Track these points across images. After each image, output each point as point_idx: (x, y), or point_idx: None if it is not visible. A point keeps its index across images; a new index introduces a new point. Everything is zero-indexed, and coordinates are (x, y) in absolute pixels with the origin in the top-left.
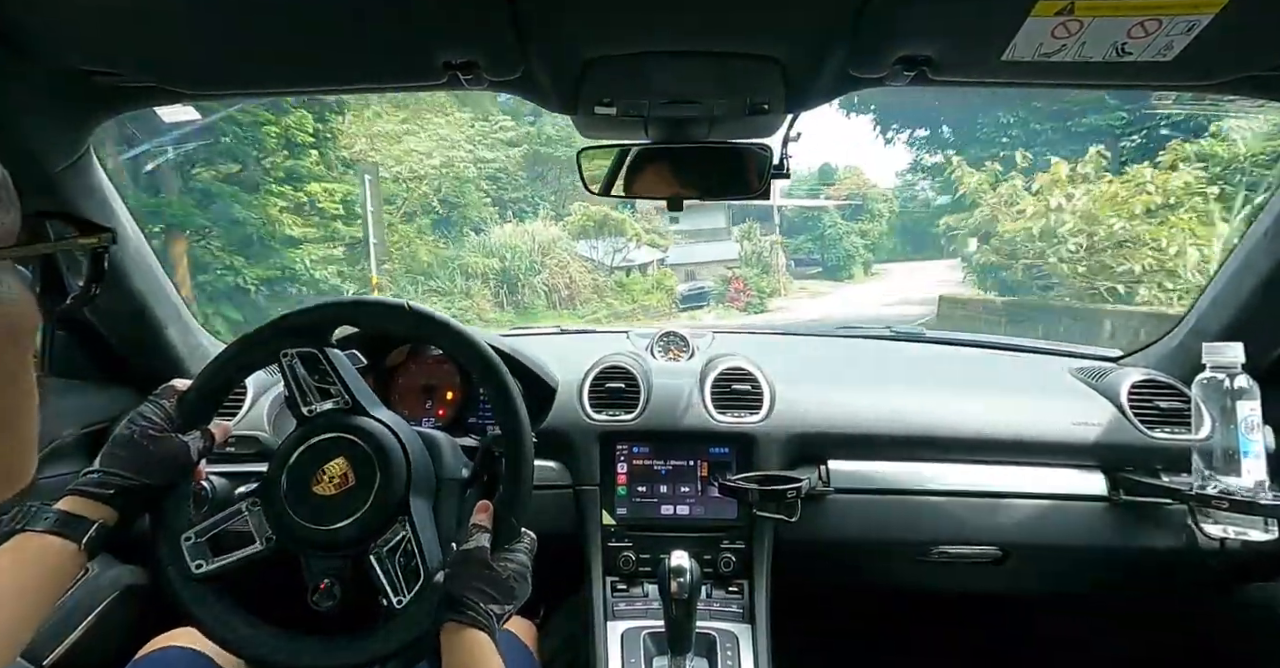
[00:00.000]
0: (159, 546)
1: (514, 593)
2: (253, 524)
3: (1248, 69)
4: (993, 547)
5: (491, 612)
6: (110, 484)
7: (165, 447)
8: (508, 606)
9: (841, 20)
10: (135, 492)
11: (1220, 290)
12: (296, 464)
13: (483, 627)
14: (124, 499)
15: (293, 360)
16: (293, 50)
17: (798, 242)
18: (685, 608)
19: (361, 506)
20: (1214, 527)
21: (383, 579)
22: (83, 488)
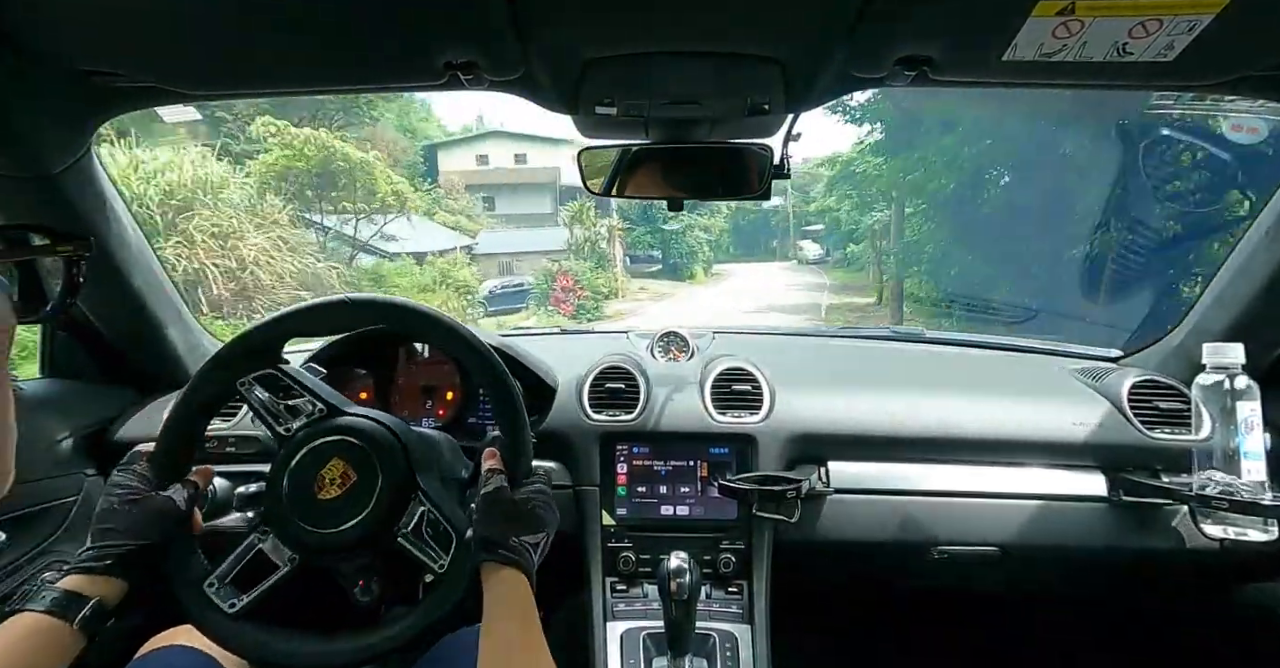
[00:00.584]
0: (185, 600)
1: (542, 520)
2: (269, 550)
3: (1249, 69)
4: (992, 547)
5: (525, 544)
6: (106, 556)
7: (150, 506)
8: (540, 534)
9: (842, 21)
10: (134, 556)
11: (1221, 291)
12: (293, 480)
13: (516, 563)
14: (124, 566)
15: (250, 387)
16: (293, 51)
17: (636, 233)
18: (685, 609)
19: (370, 498)
20: (1214, 527)
21: (419, 556)
22: (80, 565)
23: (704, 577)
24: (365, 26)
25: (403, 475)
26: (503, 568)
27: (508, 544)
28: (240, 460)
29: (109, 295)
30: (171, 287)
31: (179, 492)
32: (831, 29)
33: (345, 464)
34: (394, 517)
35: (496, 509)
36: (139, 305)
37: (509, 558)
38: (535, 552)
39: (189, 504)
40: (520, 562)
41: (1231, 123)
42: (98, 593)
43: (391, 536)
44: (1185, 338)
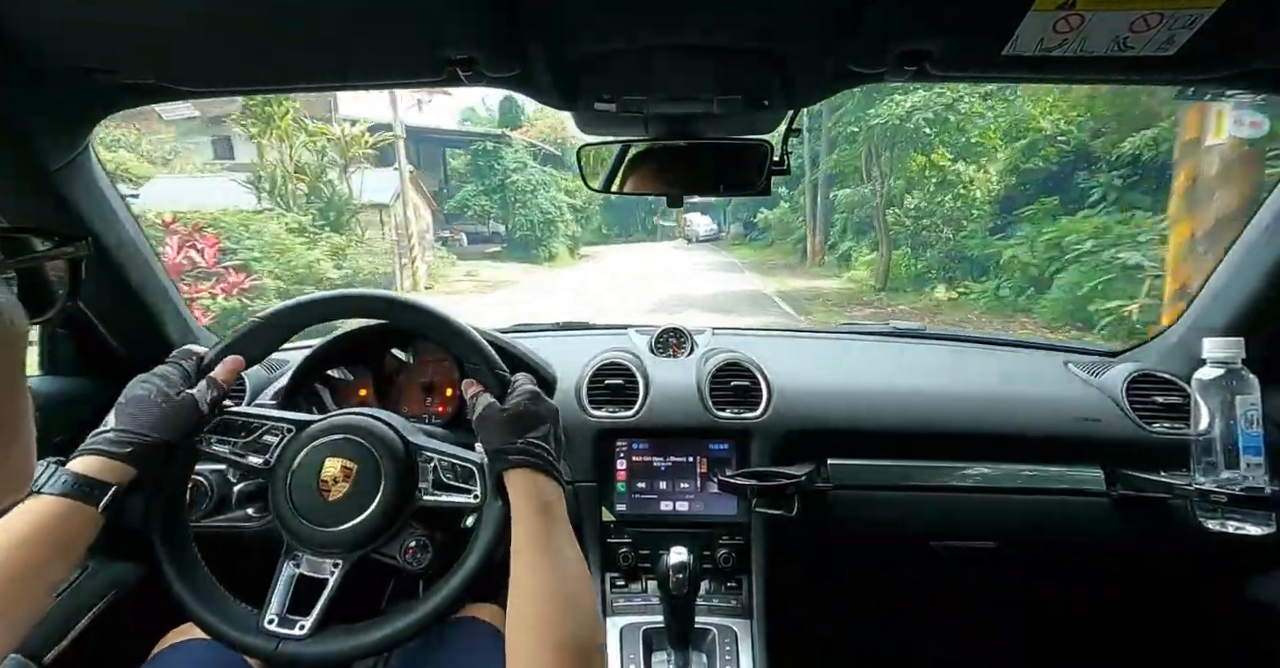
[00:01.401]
0: (249, 648)
1: (537, 416)
2: (309, 570)
3: (1250, 63)
4: (991, 542)
5: (530, 441)
6: (127, 442)
7: (178, 404)
8: (541, 427)
9: (842, 16)
10: (151, 449)
11: (1220, 285)
12: (298, 497)
13: (526, 463)
14: (139, 457)
15: (208, 443)
16: (292, 47)
17: (464, 194)
18: (684, 603)
19: (378, 480)
20: (1212, 521)
21: (452, 501)
22: (99, 447)
23: (703, 572)
24: (365, 23)
25: (398, 447)
26: (516, 471)
27: (515, 447)
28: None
29: (108, 292)
30: (171, 284)
31: (203, 391)
32: (831, 24)
33: (340, 460)
34: (410, 486)
35: (491, 423)
36: (138, 302)
37: (519, 460)
38: (546, 445)
39: (211, 405)
40: (531, 460)
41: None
42: (116, 479)
43: (415, 501)
44: (1184, 333)
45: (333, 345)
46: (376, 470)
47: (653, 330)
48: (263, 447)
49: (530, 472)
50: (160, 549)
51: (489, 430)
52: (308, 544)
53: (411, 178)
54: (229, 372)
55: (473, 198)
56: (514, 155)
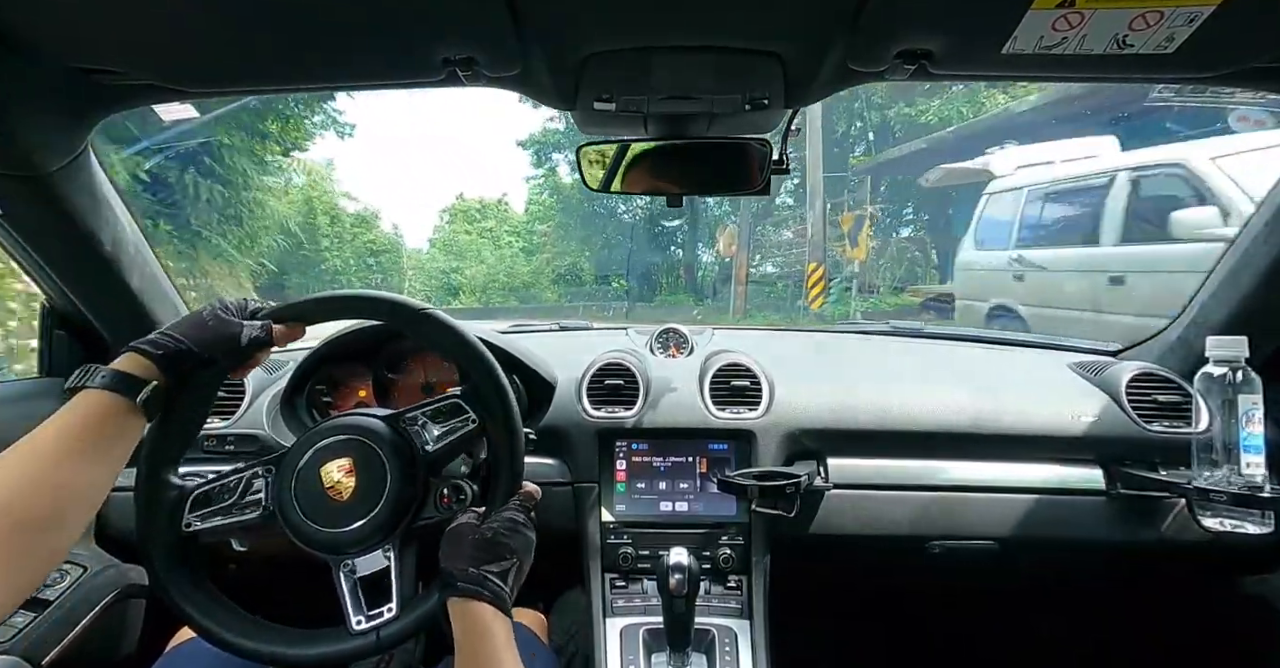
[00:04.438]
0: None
1: (506, 546)
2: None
3: (1250, 61)
4: (991, 541)
5: (486, 575)
6: (162, 345)
7: (224, 326)
8: (504, 562)
9: (842, 15)
10: (183, 356)
11: (1219, 284)
12: (310, 512)
13: (476, 594)
14: (169, 361)
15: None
16: (291, 47)
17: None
18: (684, 604)
19: (384, 475)
20: (1212, 520)
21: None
22: (138, 346)
23: (703, 572)
24: (363, 23)
25: (396, 437)
26: (463, 602)
27: (467, 574)
28: (239, 459)
29: (107, 294)
30: (170, 285)
31: (252, 327)
32: (831, 23)
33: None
34: (415, 469)
35: (456, 540)
36: (137, 304)
37: (468, 590)
38: (504, 580)
39: (250, 343)
40: (481, 593)
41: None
42: (154, 377)
43: (439, 472)
44: (1184, 331)
45: (332, 347)
46: (380, 463)
47: (653, 330)
48: (253, 494)
49: (476, 605)
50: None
51: (451, 548)
52: (330, 549)
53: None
54: (286, 331)
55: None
56: None
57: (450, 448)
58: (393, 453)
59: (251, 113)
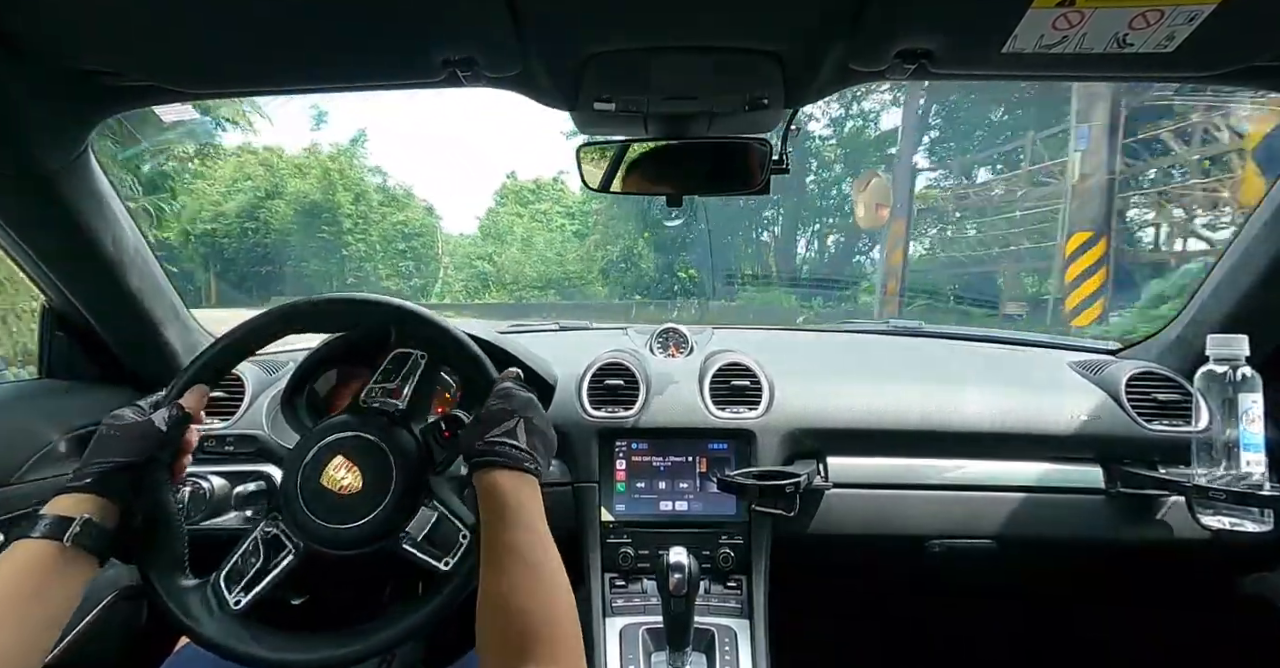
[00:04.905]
0: (172, 598)
1: (503, 412)
2: (270, 541)
3: (1250, 59)
4: (990, 540)
5: (493, 442)
6: (88, 474)
7: (133, 429)
8: (507, 423)
9: (841, 14)
10: (111, 473)
11: (1219, 282)
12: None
13: (489, 463)
14: (102, 484)
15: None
16: (291, 48)
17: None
18: (684, 604)
19: (385, 495)
20: (1211, 518)
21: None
22: (66, 485)
23: (703, 572)
24: (363, 24)
25: (418, 477)
26: (479, 473)
27: (477, 449)
28: (238, 460)
29: (107, 295)
30: (170, 286)
31: (161, 414)
32: (831, 22)
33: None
34: (405, 516)
35: (464, 433)
36: (137, 305)
37: (480, 462)
38: (512, 438)
39: (171, 425)
40: (491, 459)
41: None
42: (82, 511)
43: (398, 540)
44: (1183, 330)
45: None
46: (386, 487)
47: (652, 330)
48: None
49: (490, 471)
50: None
51: (462, 442)
52: (288, 519)
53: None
54: (195, 397)
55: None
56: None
57: (419, 392)
58: (377, 434)
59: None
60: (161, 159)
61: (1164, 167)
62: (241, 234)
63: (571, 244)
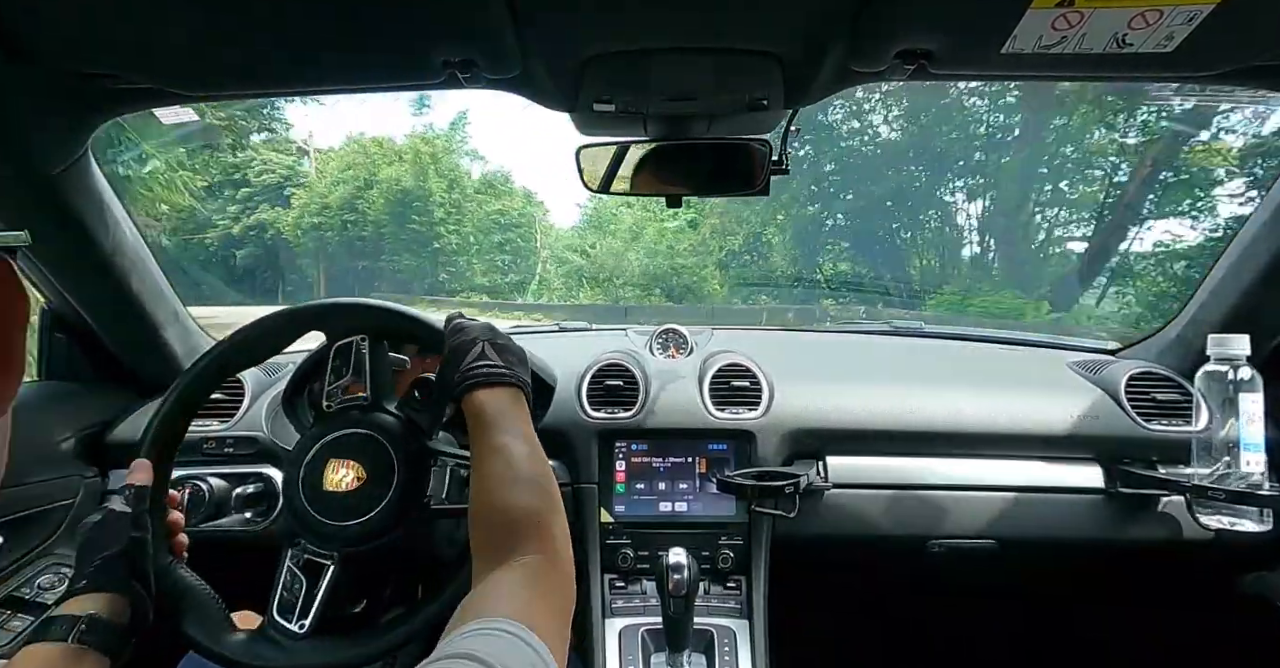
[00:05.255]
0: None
1: (463, 344)
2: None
3: (1249, 59)
4: (990, 540)
5: (466, 370)
6: (82, 576)
7: (101, 522)
8: (471, 351)
9: (841, 15)
10: (101, 569)
11: (1218, 282)
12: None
13: (468, 387)
14: (97, 581)
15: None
16: (290, 51)
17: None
18: (683, 605)
19: (390, 481)
20: (1211, 518)
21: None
22: (66, 592)
23: (702, 573)
24: (363, 26)
25: (415, 447)
26: (465, 400)
27: (453, 381)
28: (238, 462)
29: (106, 297)
30: (170, 288)
31: (116, 500)
32: (830, 23)
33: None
34: (420, 489)
35: (440, 380)
36: (137, 307)
37: (461, 390)
38: (481, 363)
39: (133, 503)
40: (472, 382)
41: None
42: (88, 609)
43: (426, 504)
44: (1183, 330)
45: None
46: (389, 474)
47: (652, 331)
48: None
49: (474, 393)
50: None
51: (441, 387)
52: (311, 536)
53: None
54: (136, 473)
55: None
56: None
57: (375, 377)
58: (359, 426)
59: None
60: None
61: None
62: (342, 227)
63: (685, 234)
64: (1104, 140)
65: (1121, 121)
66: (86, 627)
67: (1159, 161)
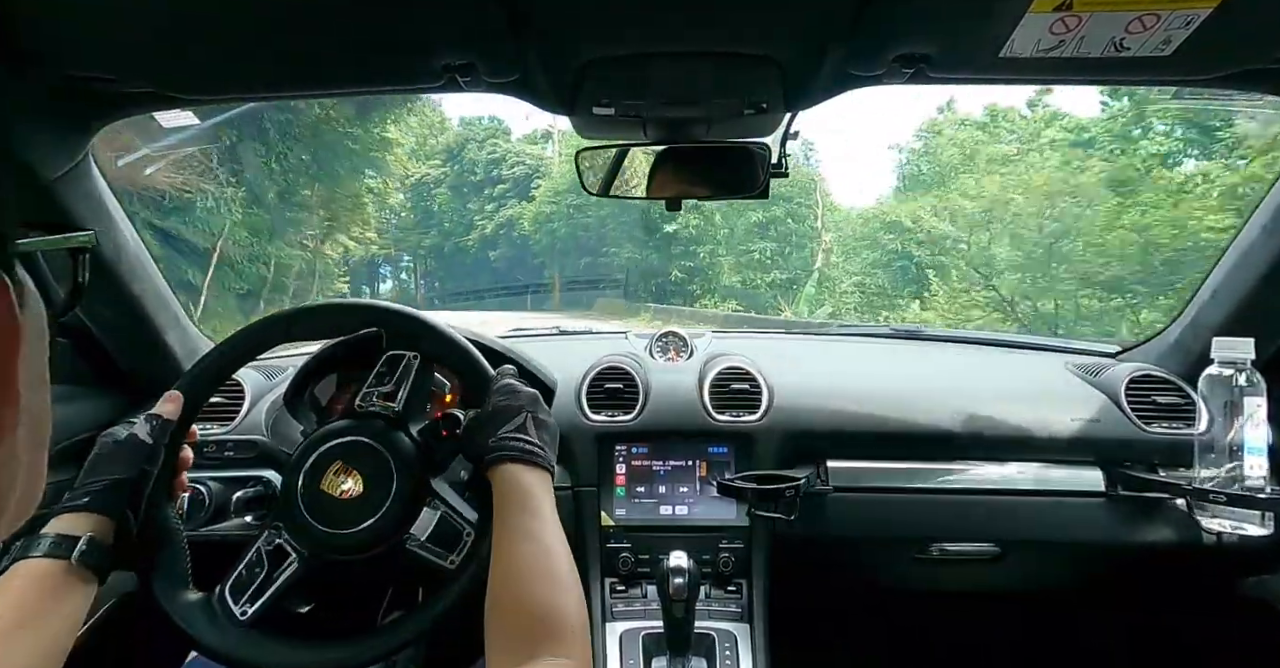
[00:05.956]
0: (180, 614)
1: (509, 408)
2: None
3: (1246, 63)
4: (991, 544)
5: (505, 438)
6: (86, 493)
7: (119, 443)
8: (515, 420)
9: (839, 19)
10: (107, 490)
11: (1218, 285)
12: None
13: (503, 458)
14: (101, 502)
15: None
16: (290, 54)
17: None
18: (684, 608)
19: (386, 497)
20: (1211, 521)
21: (431, 559)
22: (64, 505)
23: (703, 576)
24: (362, 29)
25: (418, 480)
26: (494, 468)
27: (488, 446)
28: (238, 465)
29: (107, 301)
30: (170, 293)
31: (143, 427)
32: (829, 28)
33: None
34: (404, 523)
35: (470, 432)
36: (137, 311)
37: (494, 458)
38: (523, 434)
39: (155, 436)
40: (505, 454)
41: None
42: (86, 529)
43: (402, 541)
44: (1183, 333)
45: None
46: (387, 491)
47: (652, 334)
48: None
49: (506, 465)
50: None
51: (469, 440)
52: (289, 526)
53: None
54: (168, 403)
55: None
56: None
57: (414, 393)
58: (375, 437)
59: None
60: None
61: None
62: (568, 215)
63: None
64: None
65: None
66: (87, 548)
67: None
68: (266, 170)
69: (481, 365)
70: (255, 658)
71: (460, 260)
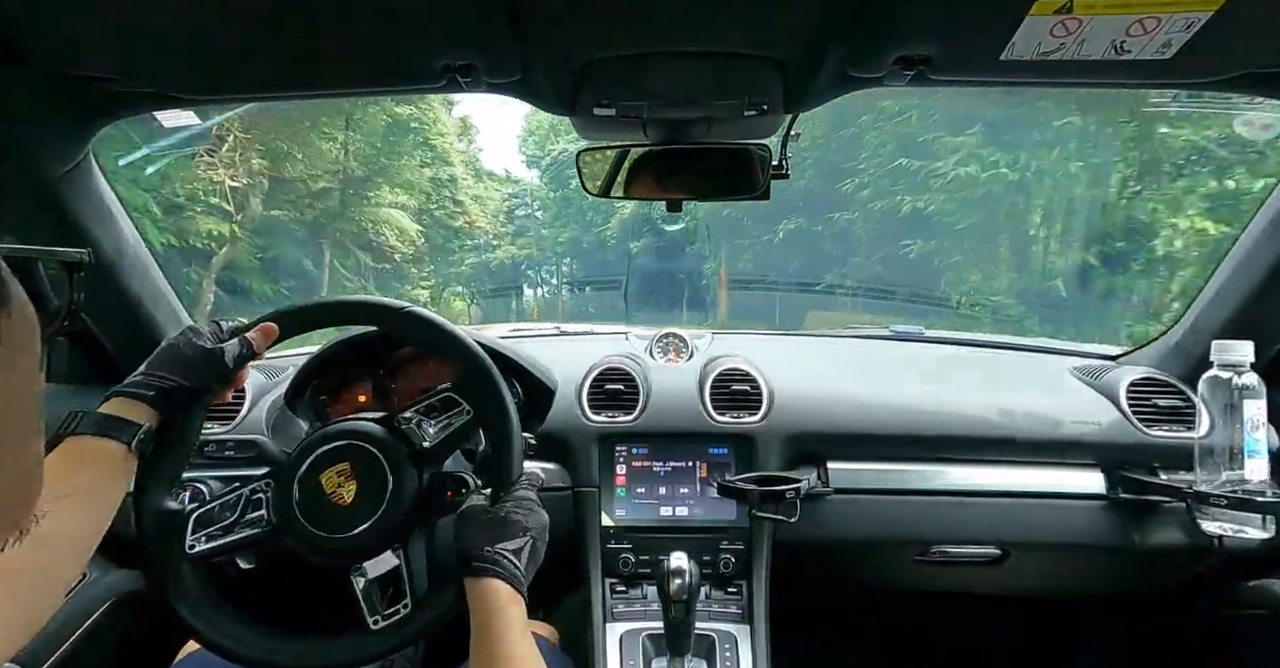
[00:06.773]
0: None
1: (520, 524)
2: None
3: (1247, 66)
4: (992, 546)
5: (502, 552)
6: (151, 385)
7: (205, 354)
8: (517, 539)
9: (840, 20)
10: (174, 393)
11: (1219, 288)
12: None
13: (493, 573)
14: (164, 400)
15: (201, 543)
16: (291, 55)
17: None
18: (684, 609)
19: (385, 480)
20: (1212, 524)
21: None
22: (125, 390)
23: (703, 577)
24: (363, 30)
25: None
26: (480, 580)
27: (482, 555)
28: (238, 465)
29: (107, 301)
30: (171, 292)
31: (233, 346)
32: (829, 29)
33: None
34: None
35: (469, 523)
36: (137, 309)
37: (484, 569)
38: (518, 558)
39: (236, 362)
40: (498, 571)
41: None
42: (145, 419)
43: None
44: (1184, 336)
45: (332, 352)
46: (379, 466)
47: (652, 335)
48: (254, 511)
49: (492, 582)
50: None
51: (465, 529)
52: (339, 556)
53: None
54: (262, 334)
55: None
56: None
57: (448, 441)
58: (390, 454)
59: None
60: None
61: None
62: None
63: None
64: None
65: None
66: (144, 437)
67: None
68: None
69: (516, 460)
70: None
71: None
